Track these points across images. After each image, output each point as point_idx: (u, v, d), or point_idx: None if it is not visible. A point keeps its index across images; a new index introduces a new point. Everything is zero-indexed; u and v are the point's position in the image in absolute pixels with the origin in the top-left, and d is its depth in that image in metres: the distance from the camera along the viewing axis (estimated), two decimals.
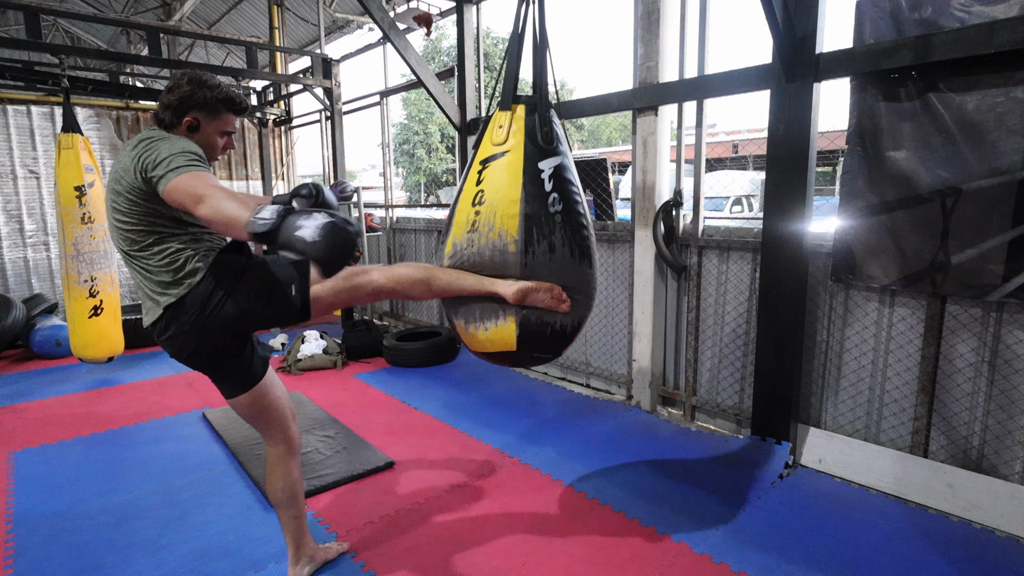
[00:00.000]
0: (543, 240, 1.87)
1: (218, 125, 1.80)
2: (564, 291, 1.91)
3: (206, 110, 1.76)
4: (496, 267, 1.87)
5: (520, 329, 1.88)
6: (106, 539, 2.42)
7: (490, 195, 1.88)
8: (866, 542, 2.36)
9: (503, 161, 1.90)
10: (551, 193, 1.89)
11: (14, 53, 5.89)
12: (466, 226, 1.91)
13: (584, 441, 3.34)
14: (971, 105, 2.38)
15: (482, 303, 1.91)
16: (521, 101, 1.96)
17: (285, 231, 1.28)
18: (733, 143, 14.21)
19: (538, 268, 1.86)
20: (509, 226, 1.85)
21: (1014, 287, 2.36)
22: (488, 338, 1.94)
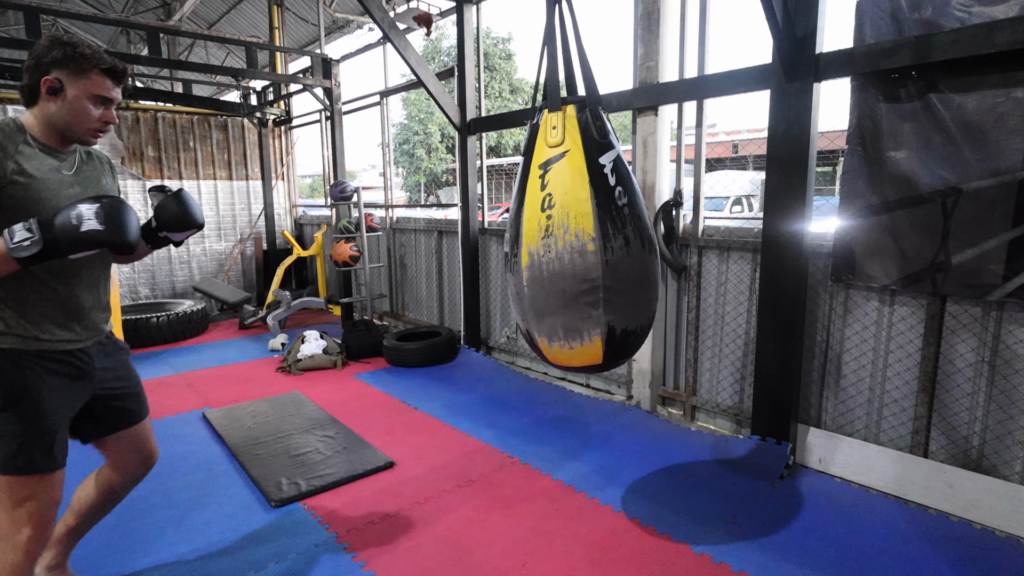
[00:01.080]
0: (618, 234, 1.86)
1: (86, 87, 1.53)
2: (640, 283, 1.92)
3: (69, 67, 1.52)
4: (576, 269, 1.84)
5: (606, 346, 1.90)
6: (106, 539, 2.42)
7: (559, 197, 1.86)
8: (866, 542, 2.36)
9: (564, 162, 1.88)
10: (616, 187, 1.88)
11: (14, 53, 5.88)
12: (540, 232, 1.88)
13: (584, 441, 3.34)
14: (971, 105, 2.38)
15: (564, 319, 1.89)
16: (569, 101, 1.94)
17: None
18: (733, 143, 14.21)
19: (618, 264, 1.85)
20: (584, 225, 1.83)
21: (1014, 287, 2.36)
22: (573, 355, 1.95)
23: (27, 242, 1.34)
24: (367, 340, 5.23)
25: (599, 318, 1.87)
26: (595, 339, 1.89)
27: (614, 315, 1.88)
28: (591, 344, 1.90)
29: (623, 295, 1.89)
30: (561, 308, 1.89)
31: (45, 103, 1.56)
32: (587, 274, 1.84)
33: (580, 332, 1.90)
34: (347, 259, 5.58)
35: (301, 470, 2.94)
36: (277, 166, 7.90)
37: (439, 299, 5.92)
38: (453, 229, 5.49)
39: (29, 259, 1.36)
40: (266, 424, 3.58)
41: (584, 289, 1.85)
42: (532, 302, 1.94)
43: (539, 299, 1.92)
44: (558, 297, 1.88)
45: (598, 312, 1.86)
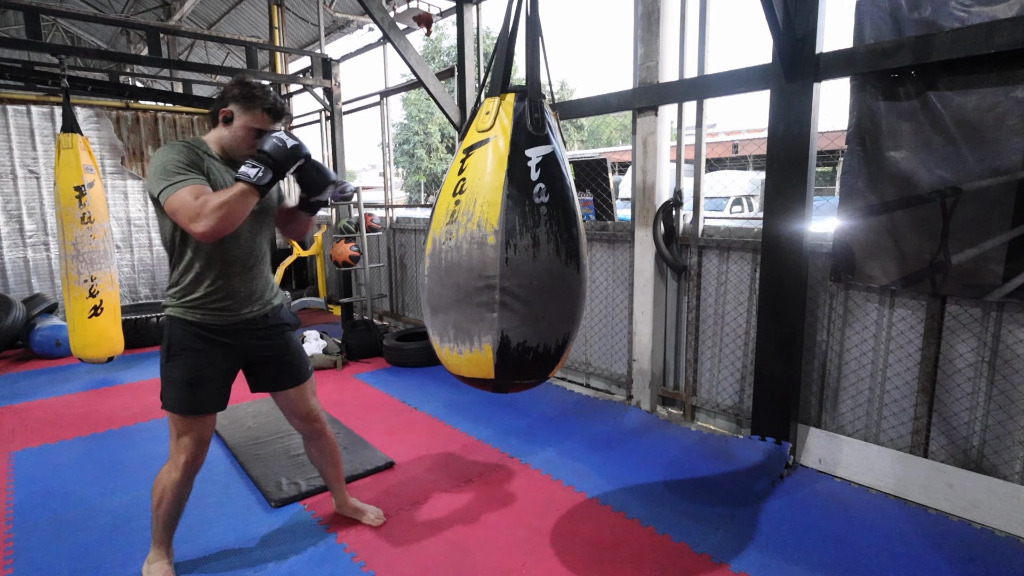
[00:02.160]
0: (526, 232, 1.66)
1: (246, 120, 1.94)
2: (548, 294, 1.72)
3: (239, 105, 1.93)
4: (473, 262, 1.66)
5: (498, 358, 1.70)
6: (106, 539, 2.42)
7: (471, 183, 1.71)
8: (866, 542, 2.36)
9: (487, 147, 1.74)
10: (537, 183, 1.70)
11: (14, 53, 5.90)
12: (445, 217, 1.73)
13: (584, 441, 3.34)
14: (971, 105, 2.38)
15: (456, 318, 1.72)
16: (512, 89, 1.81)
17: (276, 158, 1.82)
18: (733, 143, 14.21)
19: (521, 265, 1.65)
20: (489, 215, 1.66)
21: (1014, 287, 2.36)
22: (462, 362, 1.76)
23: (260, 172, 1.78)
24: (367, 340, 5.23)
25: (492, 323, 1.67)
26: (485, 347, 1.69)
27: (510, 323, 1.67)
28: (481, 352, 1.71)
29: (524, 302, 1.67)
30: (454, 304, 1.71)
31: (220, 128, 1.98)
32: (483, 270, 1.65)
33: (470, 335, 1.70)
34: (347, 259, 5.58)
35: (301, 470, 2.94)
36: None
37: None
38: None
39: (267, 185, 1.80)
40: (266, 424, 3.58)
41: (479, 286, 1.66)
42: (429, 294, 1.80)
43: (435, 292, 1.76)
44: (452, 290, 1.71)
45: (491, 316, 1.66)
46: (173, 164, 1.81)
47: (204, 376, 1.98)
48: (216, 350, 2.00)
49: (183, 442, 2.02)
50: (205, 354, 1.98)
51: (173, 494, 2.05)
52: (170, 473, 2.04)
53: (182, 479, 2.04)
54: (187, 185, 1.77)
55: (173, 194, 1.76)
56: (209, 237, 1.75)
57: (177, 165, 1.81)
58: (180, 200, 1.75)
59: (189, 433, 2.01)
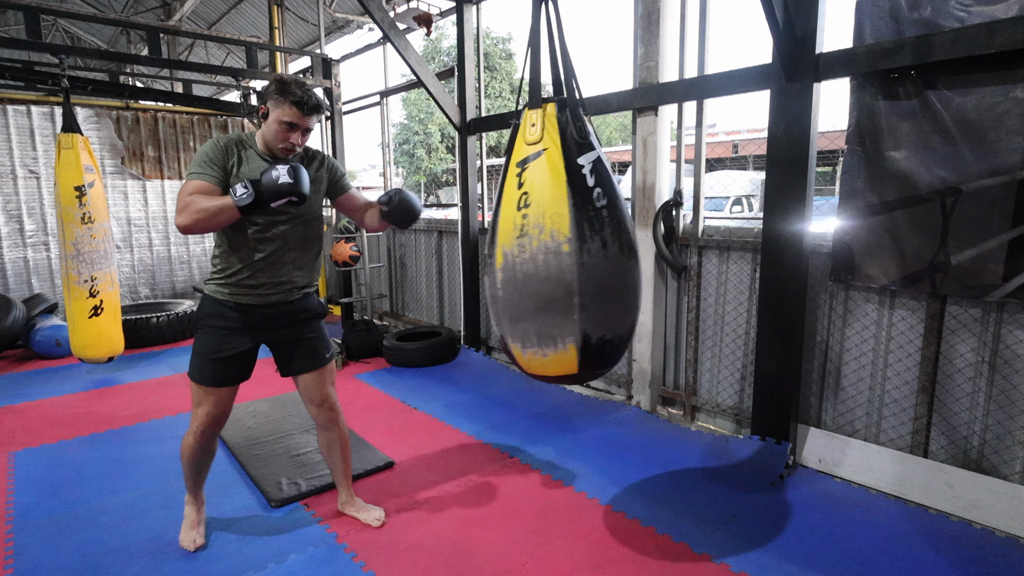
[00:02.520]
0: (595, 236, 1.79)
1: (277, 114, 2.02)
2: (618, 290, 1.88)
3: (272, 100, 2.02)
4: (550, 271, 1.77)
5: (581, 355, 1.83)
6: (106, 539, 2.42)
7: (535, 196, 1.81)
8: (866, 542, 2.36)
9: (542, 160, 1.84)
10: (594, 188, 1.83)
11: (14, 53, 5.89)
12: (515, 231, 1.82)
13: (584, 441, 3.34)
14: (970, 105, 2.38)
15: (538, 324, 1.82)
16: (551, 100, 1.90)
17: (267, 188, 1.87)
18: (733, 143, 14.20)
19: (595, 268, 1.79)
20: (560, 225, 1.77)
21: (1014, 287, 2.36)
22: (546, 363, 1.88)
23: (245, 196, 1.86)
24: (367, 340, 5.23)
25: (574, 324, 1.79)
26: (569, 347, 1.82)
27: (590, 322, 1.80)
28: (565, 352, 1.83)
29: (600, 301, 1.81)
30: (534, 312, 1.82)
31: (262, 123, 2.09)
32: (561, 276, 1.77)
33: (554, 339, 1.82)
34: (347, 259, 5.58)
35: (301, 470, 2.94)
36: None
37: (439, 299, 5.92)
38: (453, 229, 5.49)
39: (247, 208, 1.88)
40: (266, 424, 3.58)
41: (559, 293, 1.78)
42: (506, 305, 1.88)
43: (513, 302, 1.85)
44: (532, 300, 1.81)
45: (572, 318, 1.78)
46: (202, 158, 2.00)
47: (224, 352, 2.14)
48: (239, 329, 2.15)
49: (198, 412, 2.21)
50: (228, 332, 2.14)
51: (189, 455, 2.29)
52: (187, 438, 2.27)
53: (196, 444, 2.24)
54: (197, 179, 1.95)
55: (185, 183, 1.97)
56: (183, 231, 1.91)
57: (204, 159, 2.00)
58: (183, 190, 1.95)
59: (204, 404, 2.19)
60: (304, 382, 2.33)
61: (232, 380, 2.20)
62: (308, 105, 2.02)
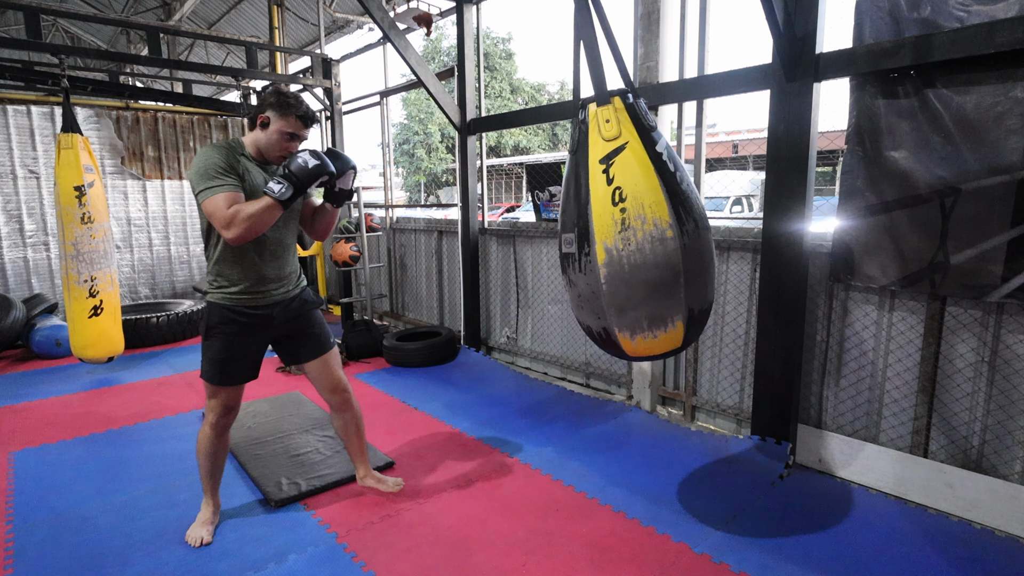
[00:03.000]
0: (689, 218, 1.90)
1: (280, 125, 2.13)
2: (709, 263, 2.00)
3: (274, 111, 2.13)
4: (658, 258, 1.87)
5: (687, 328, 1.97)
6: (106, 539, 2.42)
7: (630, 189, 1.87)
8: (866, 542, 2.36)
9: (627, 154, 1.90)
10: (676, 172, 1.92)
11: (14, 53, 5.89)
12: (616, 227, 1.89)
13: (584, 441, 3.34)
14: (970, 104, 2.38)
15: (648, 310, 1.92)
16: (615, 93, 1.96)
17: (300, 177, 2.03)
18: (733, 143, 14.21)
19: (692, 246, 1.90)
20: (660, 213, 1.86)
21: (1013, 287, 2.36)
22: (655, 344, 1.99)
23: (284, 190, 1.99)
24: (367, 340, 5.23)
25: (681, 303, 1.91)
26: (678, 324, 1.94)
27: (693, 297, 1.93)
28: (674, 329, 1.95)
29: (698, 276, 1.94)
30: (645, 299, 1.91)
31: (257, 131, 2.18)
32: (668, 260, 1.87)
33: (664, 320, 1.93)
34: (347, 259, 5.58)
35: (301, 470, 2.94)
36: None
37: (439, 299, 5.92)
38: (453, 229, 5.49)
39: (289, 200, 2.01)
40: (266, 424, 3.58)
41: (667, 276, 1.88)
42: (612, 298, 1.94)
43: (620, 293, 1.92)
44: (642, 288, 1.90)
45: (680, 296, 1.90)
46: (214, 167, 2.03)
47: (234, 355, 2.25)
48: (246, 331, 2.26)
49: (212, 404, 2.32)
50: (236, 336, 2.25)
51: (207, 447, 2.37)
52: (204, 430, 2.37)
53: (212, 435, 2.36)
54: (223, 191, 2.01)
55: (210, 197, 2.00)
56: (237, 243, 2.02)
57: (217, 169, 2.04)
58: (215, 205, 2.00)
59: (216, 397, 2.31)
60: (315, 370, 2.49)
61: (243, 379, 2.32)
62: (310, 118, 2.18)
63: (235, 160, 2.11)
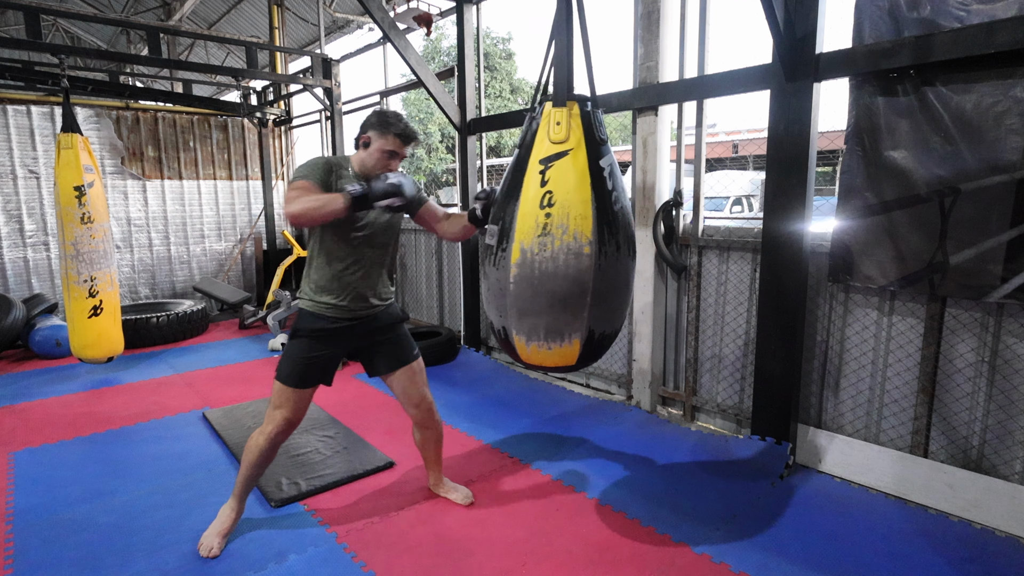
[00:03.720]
0: (612, 240, 1.87)
1: (381, 144, 2.22)
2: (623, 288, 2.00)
3: (376, 131, 2.23)
4: (569, 271, 1.82)
5: (583, 348, 1.93)
6: (106, 539, 2.42)
7: (560, 196, 1.83)
8: (866, 542, 2.36)
9: (567, 161, 1.85)
10: (612, 191, 1.89)
11: (14, 53, 5.89)
12: (536, 229, 1.84)
13: (584, 441, 3.34)
14: (969, 104, 2.38)
15: (548, 320, 1.88)
16: (576, 99, 1.90)
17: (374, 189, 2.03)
18: (733, 143, 14.20)
19: (608, 269, 1.86)
20: (583, 227, 1.82)
21: (1013, 287, 2.36)
22: (549, 356, 1.95)
23: (356, 189, 2.00)
24: None
25: (583, 322, 1.86)
26: (575, 342, 1.90)
27: (597, 320, 1.88)
28: (569, 346, 1.90)
29: (607, 300, 1.89)
30: (546, 308, 1.85)
31: (360, 151, 2.28)
32: (579, 277, 1.82)
33: (562, 334, 1.89)
34: None
35: (301, 470, 2.94)
36: (277, 166, 7.90)
37: (439, 299, 5.92)
38: None
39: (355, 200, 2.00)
40: None
41: (574, 292, 1.83)
42: (516, 299, 1.89)
43: (525, 296, 1.87)
44: (546, 297, 1.84)
45: (583, 316, 1.85)
46: (310, 166, 2.19)
47: (315, 354, 2.27)
48: (329, 340, 2.30)
49: (275, 414, 2.27)
50: (321, 339, 2.28)
51: (256, 456, 2.30)
52: (257, 438, 2.30)
53: (267, 446, 2.28)
54: (304, 180, 2.13)
55: (293, 182, 2.14)
56: (292, 219, 2.02)
57: (312, 167, 2.18)
58: (292, 187, 2.12)
59: (284, 407, 2.26)
60: (399, 384, 2.48)
61: (316, 381, 2.31)
62: (409, 136, 2.25)
63: (332, 171, 2.21)
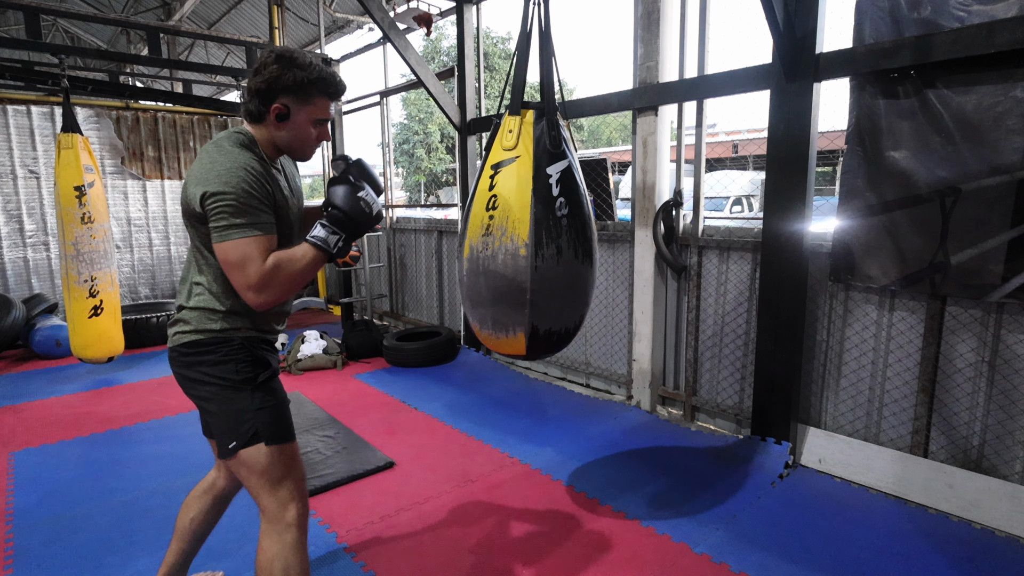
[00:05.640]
0: (551, 243, 1.94)
1: (310, 112, 1.56)
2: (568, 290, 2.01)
3: (296, 94, 1.52)
4: (507, 270, 1.94)
5: (529, 341, 2.01)
6: (106, 539, 2.42)
7: (502, 200, 1.96)
8: (866, 542, 2.36)
9: (513, 167, 1.97)
10: (558, 198, 1.97)
11: (14, 53, 5.89)
12: (481, 229, 1.99)
13: (584, 441, 3.34)
14: (970, 104, 2.38)
15: (493, 312, 2.01)
16: (530, 107, 2.01)
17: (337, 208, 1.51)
18: (733, 143, 14.20)
19: (547, 271, 1.94)
20: (520, 230, 1.92)
21: (1013, 287, 2.36)
22: (500, 343, 2.08)
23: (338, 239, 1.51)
24: (367, 340, 5.23)
25: (523, 317, 1.97)
26: (519, 334, 2.01)
27: (538, 317, 1.98)
28: (515, 338, 2.02)
29: (549, 299, 1.98)
30: (491, 302, 2.01)
31: (270, 127, 1.57)
32: (516, 276, 1.93)
33: (506, 326, 2.01)
34: (347, 259, 5.57)
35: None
36: None
37: (439, 299, 5.92)
38: (453, 229, 5.49)
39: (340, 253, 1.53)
40: None
41: (512, 289, 1.94)
42: (468, 291, 2.08)
43: (474, 289, 2.05)
44: (489, 292, 2.00)
45: (523, 312, 1.96)
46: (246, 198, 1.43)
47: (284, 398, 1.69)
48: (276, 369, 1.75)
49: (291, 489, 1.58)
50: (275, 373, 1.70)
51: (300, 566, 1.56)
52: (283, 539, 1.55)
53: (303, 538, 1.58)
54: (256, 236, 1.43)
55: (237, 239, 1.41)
56: (263, 308, 1.48)
57: (250, 201, 1.43)
58: (245, 254, 1.41)
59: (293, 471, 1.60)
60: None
61: None
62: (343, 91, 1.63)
63: (267, 175, 1.52)
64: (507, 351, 2.10)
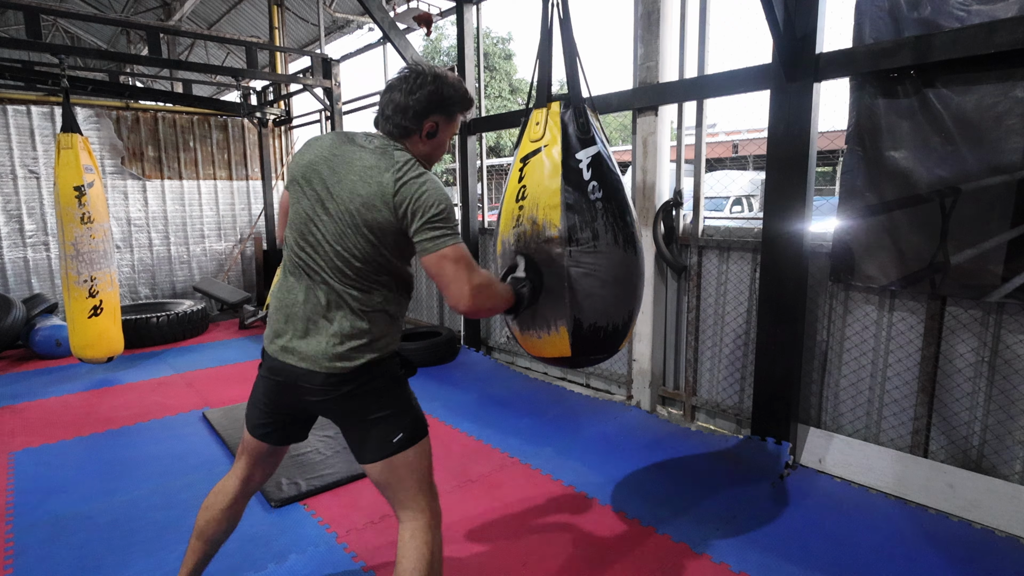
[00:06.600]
0: (586, 227, 1.84)
1: (452, 128, 1.61)
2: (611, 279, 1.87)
3: (446, 112, 1.56)
4: (542, 258, 1.86)
5: (573, 338, 1.89)
6: (106, 539, 2.42)
7: (532, 189, 1.91)
8: (866, 542, 2.36)
9: (541, 155, 1.93)
10: (590, 181, 1.88)
11: (14, 53, 5.89)
12: (512, 222, 1.94)
13: (584, 441, 3.34)
14: (970, 104, 2.38)
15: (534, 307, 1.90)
16: (556, 98, 1.98)
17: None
18: (733, 143, 14.19)
19: (582, 256, 1.84)
20: (551, 216, 1.85)
21: (1013, 287, 2.36)
22: (542, 345, 1.96)
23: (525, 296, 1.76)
24: None
25: (564, 308, 1.86)
26: (562, 330, 1.89)
27: (580, 308, 1.86)
28: (558, 335, 1.90)
29: (591, 289, 1.86)
30: None
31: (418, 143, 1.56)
32: (551, 263, 1.86)
33: (547, 320, 1.90)
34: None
35: (301, 470, 2.94)
36: (277, 166, 7.90)
37: (439, 299, 5.92)
38: None
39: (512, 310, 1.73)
40: None
41: (550, 279, 1.86)
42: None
43: None
44: None
45: (563, 302, 1.86)
46: (452, 209, 1.49)
47: None
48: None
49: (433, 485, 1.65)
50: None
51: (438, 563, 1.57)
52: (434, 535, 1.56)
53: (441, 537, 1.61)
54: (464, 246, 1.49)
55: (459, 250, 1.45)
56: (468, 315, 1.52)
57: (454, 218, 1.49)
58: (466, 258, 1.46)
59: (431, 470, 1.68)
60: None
61: None
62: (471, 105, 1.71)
63: None
64: (551, 354, 1.96)
